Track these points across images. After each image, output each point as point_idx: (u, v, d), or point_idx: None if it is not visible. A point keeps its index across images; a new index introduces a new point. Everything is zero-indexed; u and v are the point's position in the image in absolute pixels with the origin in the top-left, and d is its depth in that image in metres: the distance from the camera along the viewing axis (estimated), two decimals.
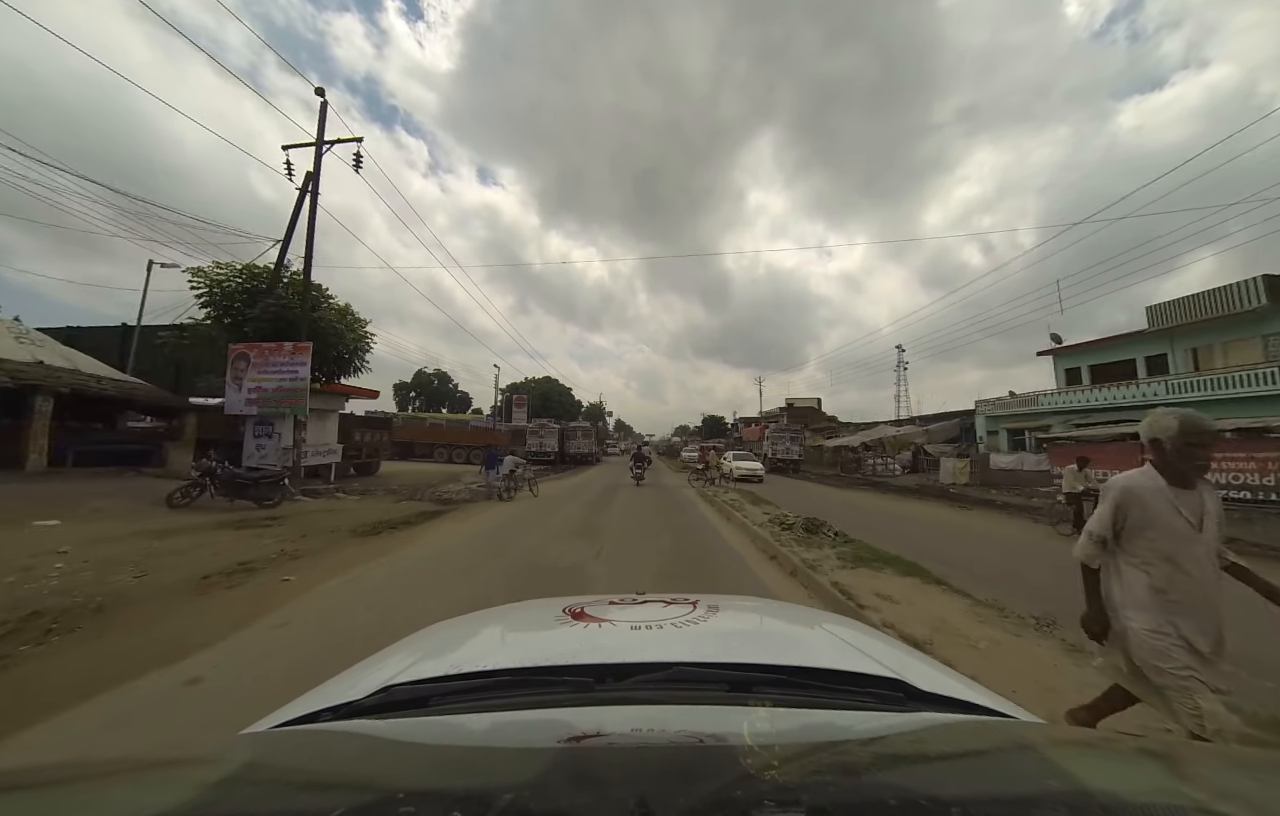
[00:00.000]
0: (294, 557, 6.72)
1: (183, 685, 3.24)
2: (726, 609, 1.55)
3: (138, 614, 4.47)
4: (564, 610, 1.45)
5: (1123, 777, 0.69)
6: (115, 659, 3.55)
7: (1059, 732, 1.26)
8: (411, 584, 5.88)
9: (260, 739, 0.90)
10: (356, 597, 5.25)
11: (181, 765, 0.79)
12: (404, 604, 5.05)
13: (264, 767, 0.71)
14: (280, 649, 3.88)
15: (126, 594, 4.92)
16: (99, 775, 0.71)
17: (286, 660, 3.66)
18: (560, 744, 0.75)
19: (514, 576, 6.29)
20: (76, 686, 3.13)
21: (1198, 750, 1.25)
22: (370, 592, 5.43)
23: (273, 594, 5.21)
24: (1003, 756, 0.76)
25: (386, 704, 0.94)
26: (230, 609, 4.69)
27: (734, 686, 0.94)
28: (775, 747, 0.70)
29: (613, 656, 1.11)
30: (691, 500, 16.06)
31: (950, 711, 0.95)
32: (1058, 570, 6.67)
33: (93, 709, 2.93)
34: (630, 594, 1.79)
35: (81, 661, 3.53)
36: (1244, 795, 0.64)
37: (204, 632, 4.05)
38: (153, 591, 5.06)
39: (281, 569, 6.23)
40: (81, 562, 5.93)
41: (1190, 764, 0.80)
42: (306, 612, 4.72)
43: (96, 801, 0.63)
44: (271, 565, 6.30)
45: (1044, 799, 0.59)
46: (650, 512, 12.84)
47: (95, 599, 4.67)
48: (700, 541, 9.15)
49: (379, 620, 4.47)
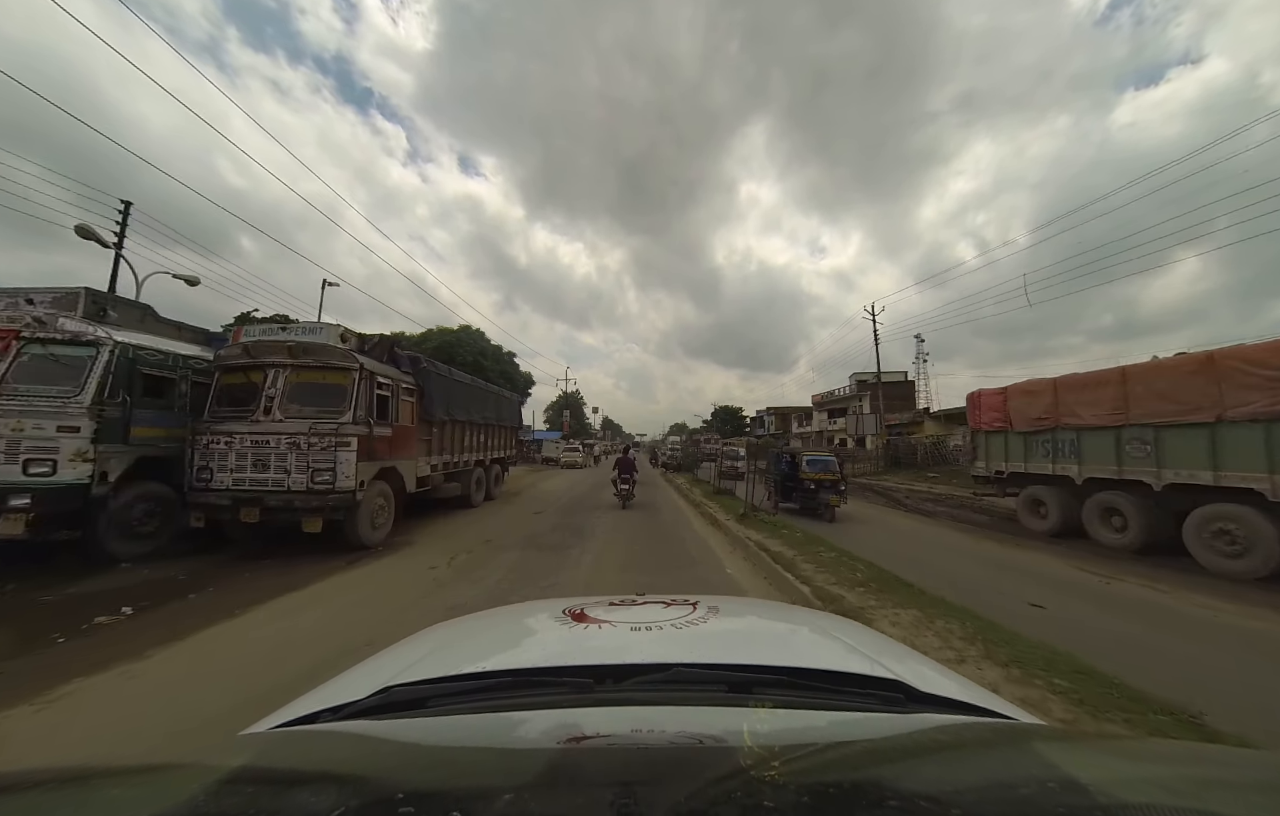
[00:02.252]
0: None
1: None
2: (726, 610, 1.55)
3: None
4: (564, 611, 1.45)
5: (1123, 777, 0.69)
6: None
7: (1059, 732, 1.26)
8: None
9: (260, 739, 0.90)
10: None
11: (181, 766, 0.79)
12: None
13: (264, 768, 0.71)
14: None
15: None
16: (99, 777, 0.71)
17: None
18: (559, 744, 0.75)
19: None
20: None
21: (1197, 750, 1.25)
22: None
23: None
24: (1002, 756, 0.76)
25: (386, 704, 0.94)
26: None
27: (733, 687, 0.95)
28: (774, 748, 0.70)
29: (612, 657, 1.11)
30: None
31: (950, 712, 0.95)
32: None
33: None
34: (630, 595, 1.79)
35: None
36: (1243, 795, 0.64)
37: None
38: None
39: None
40: None
41: (1189, 763, 0.80)
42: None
43: (96, 803, 0.63)
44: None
45: (1044, 799, 0.59)
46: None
47: None
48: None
49: None
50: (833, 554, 7.42)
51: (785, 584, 6.07)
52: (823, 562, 6.93)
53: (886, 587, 5.75)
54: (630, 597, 1.72)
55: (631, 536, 9.49)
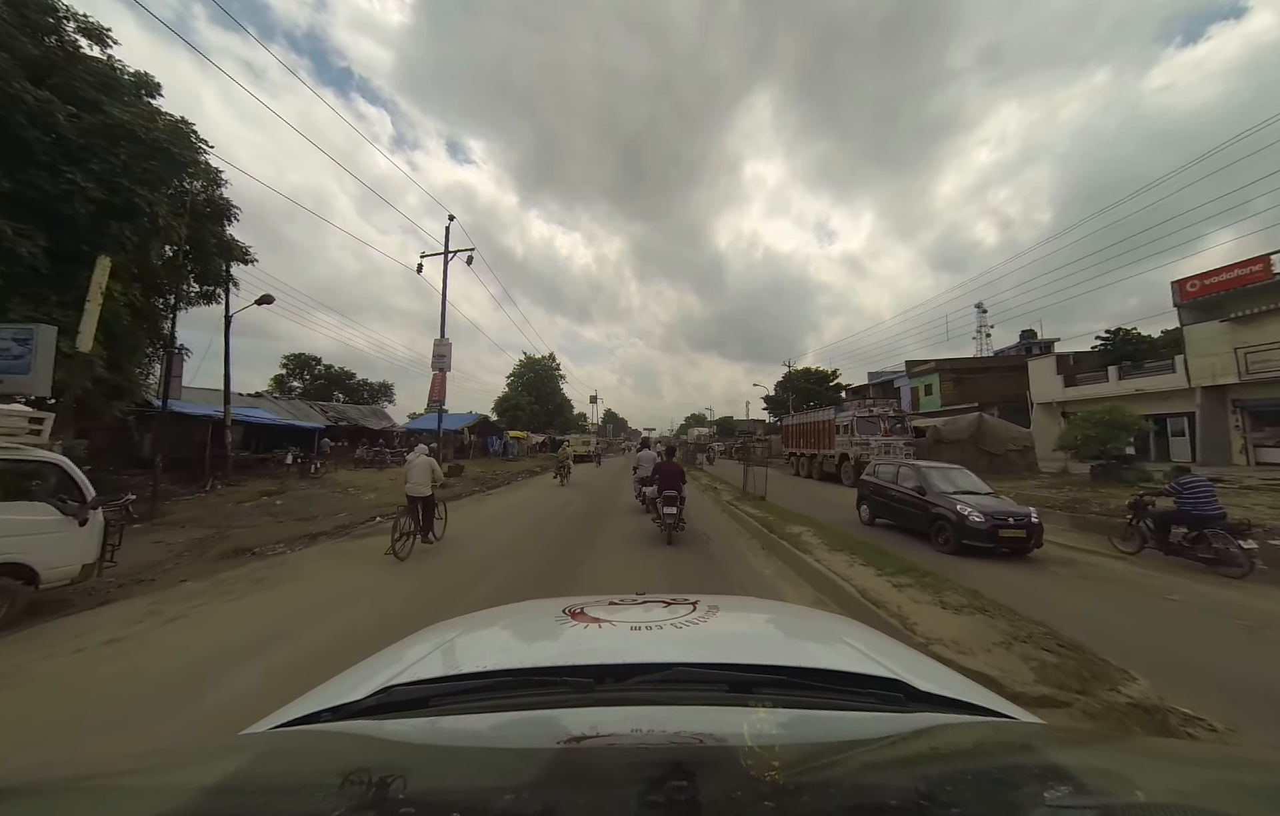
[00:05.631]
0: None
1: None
2: (726, 610, 1.55)
3: None
4: (564, 610, 1.45)
5: (1121, 777, 0.69)
6: None
7: (1058, 732, 1.26)
8: None
9: (260, 739, 0.90)
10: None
11: (181, 767, 0.79)
12: None
13: (264, 768, 0.72)
14: None
15: None
16: (100, 777, 0.71)
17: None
18: (560, 744, 0.75)
19: None
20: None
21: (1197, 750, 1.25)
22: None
23: None
24: (1002, 756, 0.76)
25: (386, 704, 0.95)
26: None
27: (734, 687, 0.95)
28: (775, 748, 0.71)
29: (612, 657, 1.11)
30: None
31: (950, 712, 0.95)
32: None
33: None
34: (631, 594, 1.79)
35: None
36: (1243, 794, 0.64)
37: None
38: None
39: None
40: None
41: (1190, 763, 0.80)
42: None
43: (98, 804, 0.63)
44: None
45: (1043, 799, 0.59)
46: None
47: None
48: None
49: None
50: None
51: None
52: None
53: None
54: (631, 597, 1.72)
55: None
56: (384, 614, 5.32)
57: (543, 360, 61.00)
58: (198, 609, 5.49)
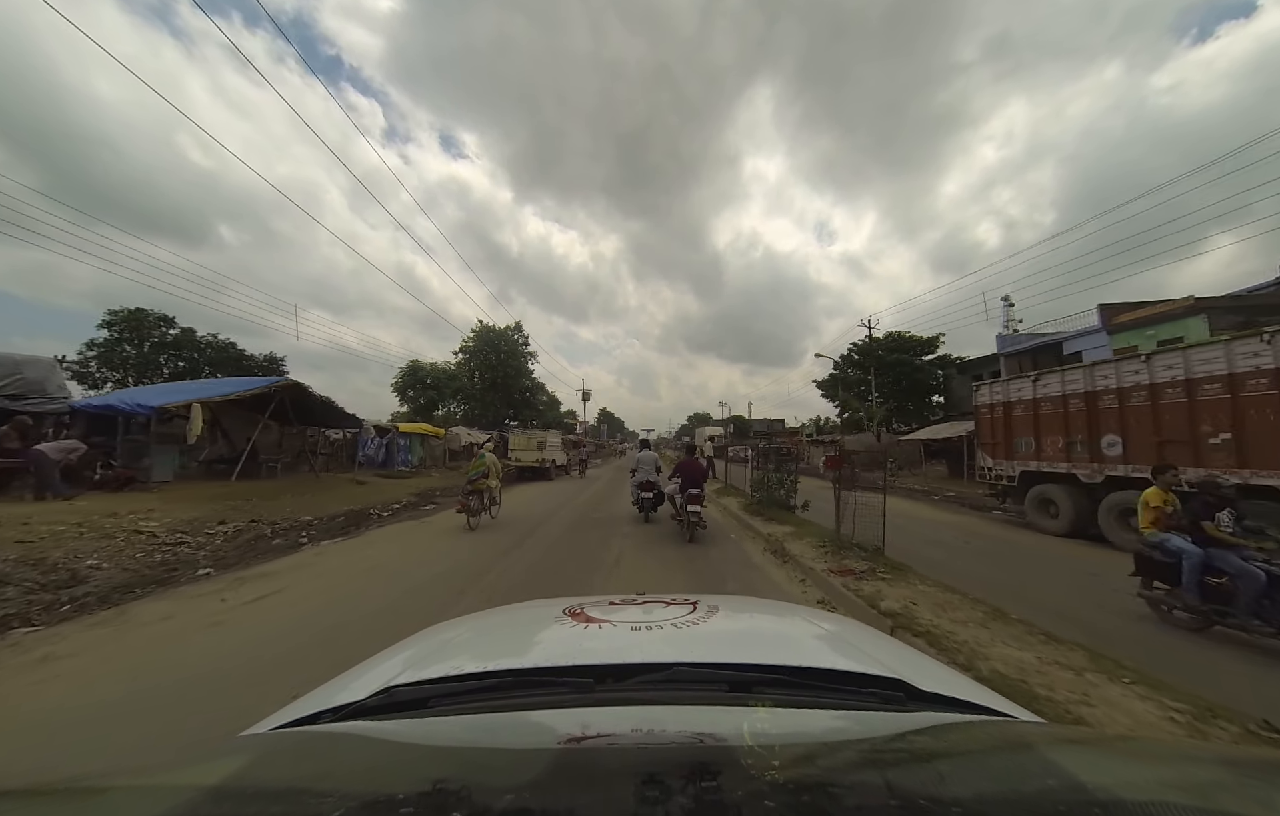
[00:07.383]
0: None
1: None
2: (726, 609, 1.55)
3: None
4: (564, 611, 1.45)
5: (1122, 777, 0.69)
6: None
7: (1059, 732, 1.26)
8: None
9: (260, 740, 0.90)
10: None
11: (181, 768, 0.79)
12: None
13: (264, 769, 0.72)
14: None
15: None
16: (99, 780, 0.71)
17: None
18: (560, 745, 0.75)
19: None
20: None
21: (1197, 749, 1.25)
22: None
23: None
24: (1003, 756, 0.76)
25: (387, 705, 0.95)
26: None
27: (734, 687, 0.95)
28: (775, 748, 0.71)
29: (612, 657, 1.11)
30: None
31: (950, 711, 0.95)
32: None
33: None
34: (631, 594, 1.80)
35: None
36: (1245, 794, 0.64)
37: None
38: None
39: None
40: None
41: (1189, 763, 0.80)
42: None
43: (98, 805, 0.63)
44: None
45: (1044, 798, 0.59)
46: None
47: None
48: None
49: None
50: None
51: None
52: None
53: None
54: (631, 597, 1.72)
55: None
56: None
57: (504, 330, 44.38)
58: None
